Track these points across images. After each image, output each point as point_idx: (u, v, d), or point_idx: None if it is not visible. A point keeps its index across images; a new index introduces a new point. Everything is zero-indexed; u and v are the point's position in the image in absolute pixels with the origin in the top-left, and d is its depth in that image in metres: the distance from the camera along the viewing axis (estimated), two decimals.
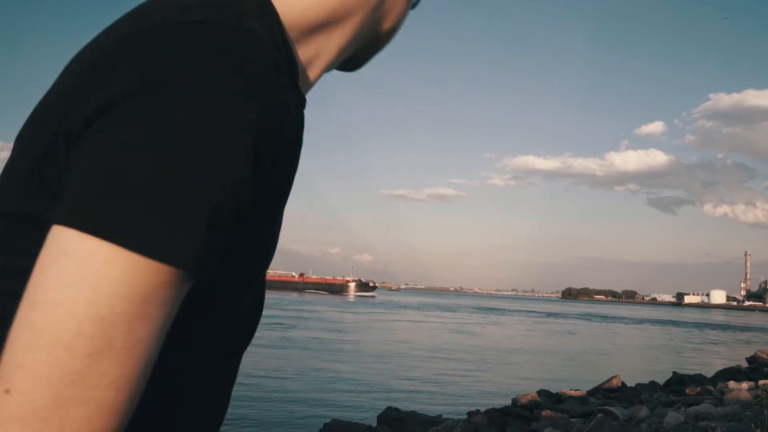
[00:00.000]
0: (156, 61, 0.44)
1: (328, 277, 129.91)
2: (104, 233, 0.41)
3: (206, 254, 0.44)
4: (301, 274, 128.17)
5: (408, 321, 44.66)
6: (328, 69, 0.68)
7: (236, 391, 0.67)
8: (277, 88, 0.48)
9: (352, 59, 0.72)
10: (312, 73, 0.65)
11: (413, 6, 0.74)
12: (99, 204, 0.42)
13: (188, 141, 0.43)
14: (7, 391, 0.40)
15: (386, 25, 0.70)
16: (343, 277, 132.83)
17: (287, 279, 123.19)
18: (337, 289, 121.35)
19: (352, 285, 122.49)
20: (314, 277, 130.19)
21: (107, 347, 0.41)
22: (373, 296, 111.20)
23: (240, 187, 0.45)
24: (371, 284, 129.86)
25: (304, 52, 0.62)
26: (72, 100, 0.48)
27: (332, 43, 0.64)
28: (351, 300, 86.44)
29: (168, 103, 0.43)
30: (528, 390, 11.98)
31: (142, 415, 0.47)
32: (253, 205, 0.48)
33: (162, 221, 0.42)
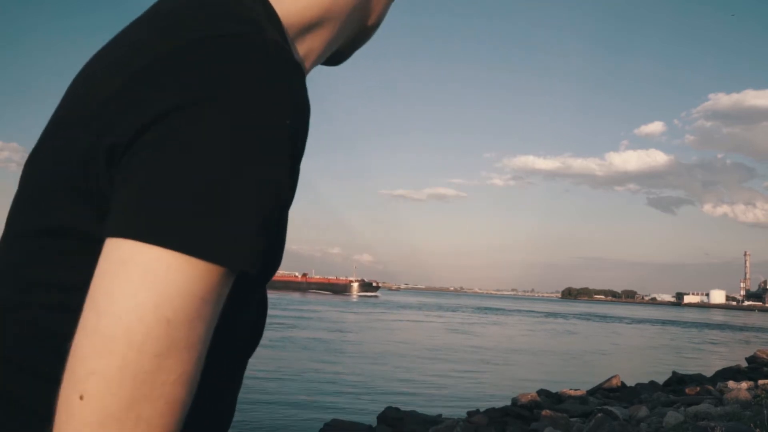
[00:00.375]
0: (200, 75, 0.47)
1: (331, 277, 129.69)
2: (164, 242, 0.44)
3: (258, 255, 0.48)
4: (304, 274, 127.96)
5: (408, 321, 44.65)
6: (315, 64, 0.69)
7: None
8: (304, 91, 0.52)
9: (336, 54, 0.73)
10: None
11: None
12: (157, 214, 0.44)
13: (236, 150, 0.45)
14: (81, 398, 0.42)
15: (371, 21, 0.72)
16: (346, 277, 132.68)
17: (290, 279, 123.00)
18: (340, 289, 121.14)
19: (356, 285, 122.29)
20: (317, 277, 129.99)
21: (173, 346, 0.44)
22: (376, 296, 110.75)
23: (283, 190, 0.49)
24: (374, 284, 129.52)
25: (298, 51, 0.64)
26: (114, 114, 0.49)
27: (322, 40, 0.66)
28: (354, 300, 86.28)
29: (216, 116, 0.45)
30: (528, 390, 11.99)
31: None
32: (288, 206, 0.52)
33: (218, 226, 0.45)
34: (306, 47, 0.65)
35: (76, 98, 0.55)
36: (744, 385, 11.65)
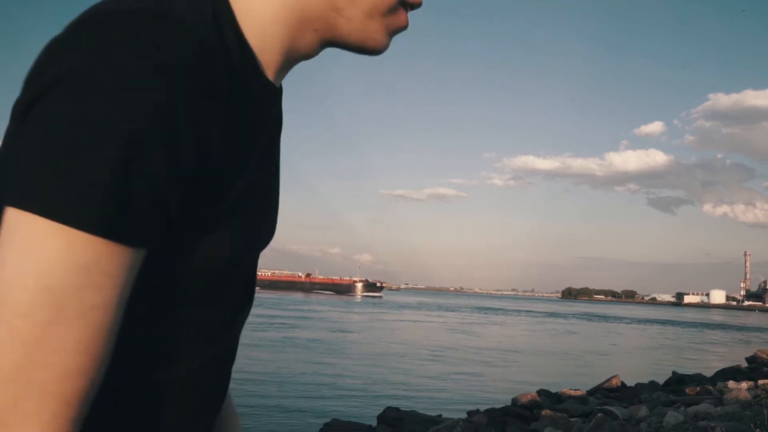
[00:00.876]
0: (82, 49, 0.49)
1: (335, 278, 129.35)
2: (38, 209, 0.45)
3: (127, 222, 0.48)
4: (308, 275, 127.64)
5: (408, 321, 44.65)
6: (296, 56, 0.68)
7: (236, 391, 0.67)
8: (190, 67, 0.51)
9: (342, 44, 0.70)
10: (279, 63, 0.66)
11: None
12: (32, 182, 0.46)
13: (93, 119, 0.46)
14: None
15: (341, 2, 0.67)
16: (350, 277, 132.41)
17: (294, 279, 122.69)
18: (343, 289, 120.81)
19: (360, 285, 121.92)
20: (321, 277, 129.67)
21: (60, 315, 0.46)
22: (380, 296, 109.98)
23: (141, 159, 0.48)
24: (378, 284, 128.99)
25: (271, 43, 0.63)
26: (22, 89, 0.52)
27: (287, 32, 0.65)
28: (357, 300, 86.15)
29: (81, 89, 0.47)
30: (528, 390, 11.99)
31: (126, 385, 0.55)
32: (174, 176, 0.51)
33: (76, 194, 0.46)
34: (279, 41, 0.64)
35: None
36: (744, 385, 11.65)
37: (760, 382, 12.09)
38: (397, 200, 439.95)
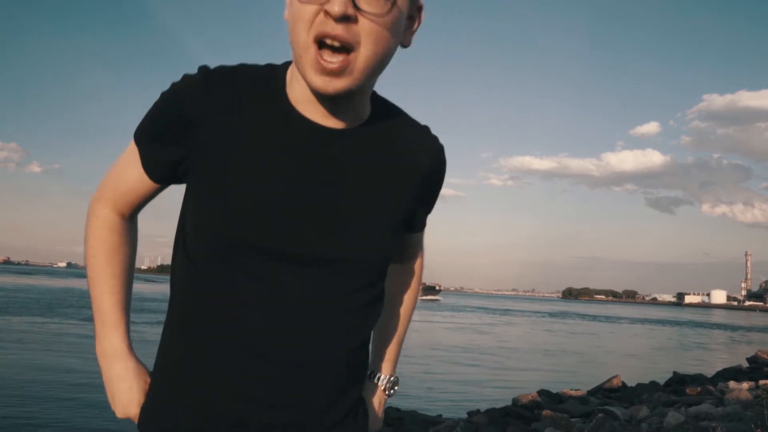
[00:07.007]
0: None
1: None
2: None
3: (140, 135, 1.03)
4: None
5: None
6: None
7: None
8: (181, 90, 0.98)
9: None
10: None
11: None
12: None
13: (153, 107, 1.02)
14: None
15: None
16: None
17: None
18: None
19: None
20: None
21: (121, 163, 1.09)
22: (438, 300, 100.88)
23: (146, 125, 1.02)
24: (437, 288, 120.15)
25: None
26: None
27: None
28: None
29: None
30: (528, 390, 11.97)
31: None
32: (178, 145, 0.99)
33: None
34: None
35: None
36: (745, 385, 11.62)
37: (761, 382, 12.04)
38: None
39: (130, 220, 1.12)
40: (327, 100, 0.93)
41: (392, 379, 1.32)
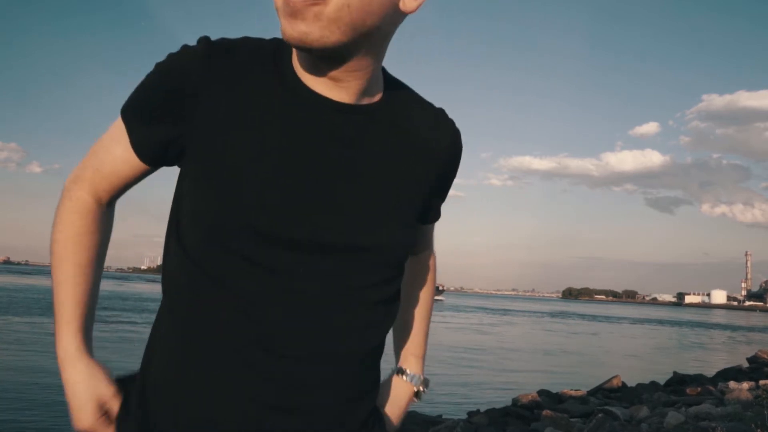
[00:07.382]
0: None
1: None
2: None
3: (130, 106, 0.93)
4: None
5: None
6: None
7: None
8: (175, 62, 0.89)
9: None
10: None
11: None
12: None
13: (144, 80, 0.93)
14: None
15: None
16: None
17: None
18: None
19: None
20: None
21: (105, 140, 0.98)
22: (441, 300, 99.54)
23: (138, 95, 0.92)
24: (440, 288, 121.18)
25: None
26: None
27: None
28: None
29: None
30: (528, 390, 11.96)
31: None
32: (166, 119, 0.89)
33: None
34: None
35: None
36: (745, 385, 11.61)
37: (762, 382, 12.05)
38: None
39: (107, 206, 1.01)
40: (320, 62, 0.84)
41: (423, 378, 1.20)
